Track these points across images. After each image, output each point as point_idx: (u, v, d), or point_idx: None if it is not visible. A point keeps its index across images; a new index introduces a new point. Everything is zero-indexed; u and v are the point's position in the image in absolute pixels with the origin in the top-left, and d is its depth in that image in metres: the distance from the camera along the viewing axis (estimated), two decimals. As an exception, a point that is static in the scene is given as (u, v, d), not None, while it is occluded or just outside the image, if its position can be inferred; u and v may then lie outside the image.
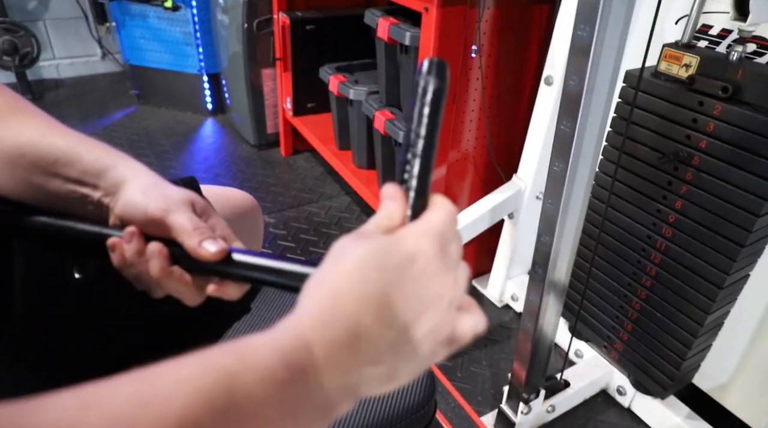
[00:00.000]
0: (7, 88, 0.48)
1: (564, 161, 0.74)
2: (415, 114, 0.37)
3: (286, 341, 0.28)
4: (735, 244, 0.89)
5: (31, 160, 0.43)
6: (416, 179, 0.35)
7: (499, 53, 1.22)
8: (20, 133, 0.44)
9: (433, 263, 0.31)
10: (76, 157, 0.43)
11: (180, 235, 0.40)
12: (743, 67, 0.85)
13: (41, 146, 0.44)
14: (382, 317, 0.29)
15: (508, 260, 1.44)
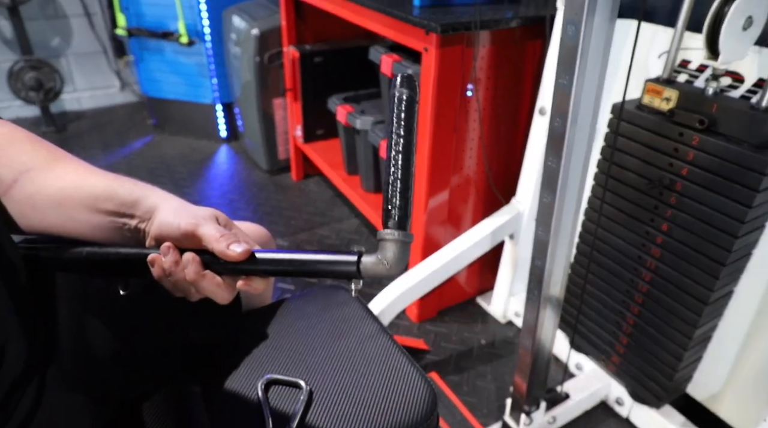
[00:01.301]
0: (45, 141, 0.57)
1: (552, 193, 0.82)
2: (394, 119, 0.47)
3: None
4: (717, 263, 0.96)
5: (74, 199, 0.52)
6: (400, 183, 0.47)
7: (495, 86, 1.30)
8: (63, 178, 0.53)
9: None
10: (113, 193, 0.52)
11: (210, 243, 0.49)
12: (717, 101, 0.92)
13: (82, 186, 0.53)
14: None
15: (510, 278, 1.51)
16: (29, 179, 0.53)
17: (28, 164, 0.53)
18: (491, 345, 1.50)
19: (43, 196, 0.52)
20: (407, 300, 1.34)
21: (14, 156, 0.53)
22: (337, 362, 0.72)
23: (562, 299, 1.00)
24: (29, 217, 0.53)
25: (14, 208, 0.53)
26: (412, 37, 1.23)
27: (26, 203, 0.53)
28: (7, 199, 0.53)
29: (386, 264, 0.47)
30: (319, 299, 0.84)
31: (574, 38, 0.68)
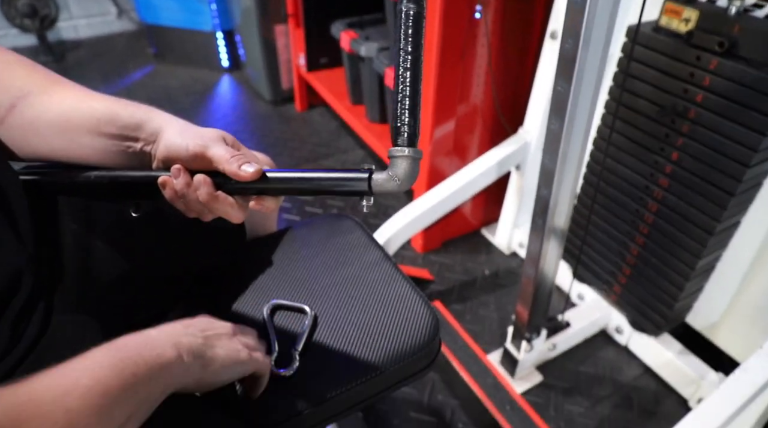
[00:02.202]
0: (38, 64, 0.55)
1: (560, 120, 0.80)
2: (401, 35, 0.46)
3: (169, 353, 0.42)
4: (725, 193, 0.95)
5: (76, 123, 0.51)
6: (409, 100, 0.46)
7: (505, 8, 1.24)
8: (62, 101, 0.52)
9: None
10: (115, 115, 0.51)
11: (220, 163, 0.49)
12: (740, 21, 0.87)
13: (83, 110, 0.52)
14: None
15: (515, 210, 1.50)
16: (28, 103, 0.51)
17: (24, 89, 0.52)
18: (495, 275, 1.52)
19: (44, 121, 0.51)
20: (412, 231, 1.34)
21: (9, 80, 0.52)
22: (341, 288, 0.73)
23: (566, 230, 0.99)
24: (32, 142, 0.53)
25: (14, 134, 0.52)
26: (418, -45, 1.16)
27: (28, 128, 0.52)
28: (6, 126, 0.52)
29: (397, 180, 0.47)
30: (324, 227, 0.84)
31: (590, -50, 0.64)
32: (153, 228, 0.67)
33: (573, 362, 1.28)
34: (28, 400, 0.33)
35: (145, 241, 0.66)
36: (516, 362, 1.19)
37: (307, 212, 1.73)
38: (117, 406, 0.36)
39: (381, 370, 0.64)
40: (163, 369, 0.41)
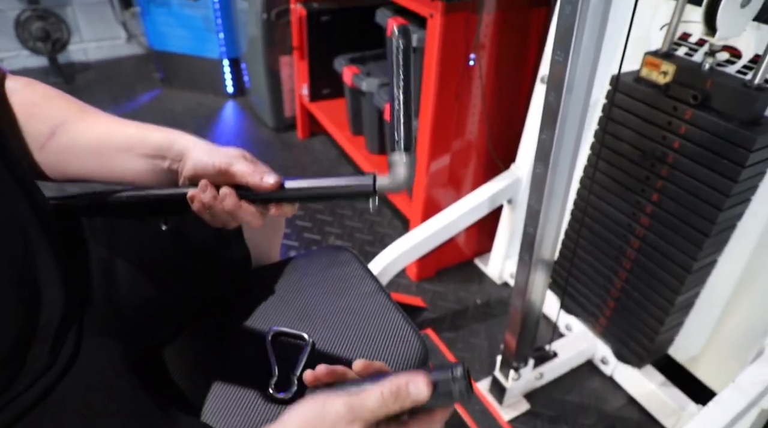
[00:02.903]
0: (74, 98, 0.63)
1: (545, 165, 0.86)
2: (393, 65, 0.52)
3: None
4: (701, 234, 1.01)
5: (109, 145, 0.58)
6: (403, 124, 0.52)
7: (499, 53, 1.32)
8: (96, 127, 0.59)
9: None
10: (145, 137, 0.58)
11: (245, 177, 0.55)
12: (712, 77, 0.95)
13: (115, 133, 0.59)
14: None
15: (507, 241, 1.56)
16: (65, 130, 0.58)
17: (62, 118, 0.59)
18: (486, 304, 1.57)
19: (81, 144, 0.58)
20: (407, 260, 1.40)
21: (50, 111, 0.59)
22: (338, 317, 0.78)
23: (551, 265, 1.05)
24: (70, 165, 0.59)
25: (54, 158, 0.59)
26: (418, 2, 1.24)
27: (68, 152, 0.59)
28: (46, 151, 0.59)
29: (397, 181, 0.55)
30: (323, 259, 0.89)
31: (571, 16, 0.71)
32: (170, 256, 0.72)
33: (560, 391, 1.32)
34: None
35: (163, 268, 0.71)
36: (504, 390, 1.24)
37: (306, 238, 1.78)
38: None
39: (373, 396, 0.69)
40: None
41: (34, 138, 0.59)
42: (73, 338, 0.50)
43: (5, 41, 2.86)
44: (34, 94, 0.60)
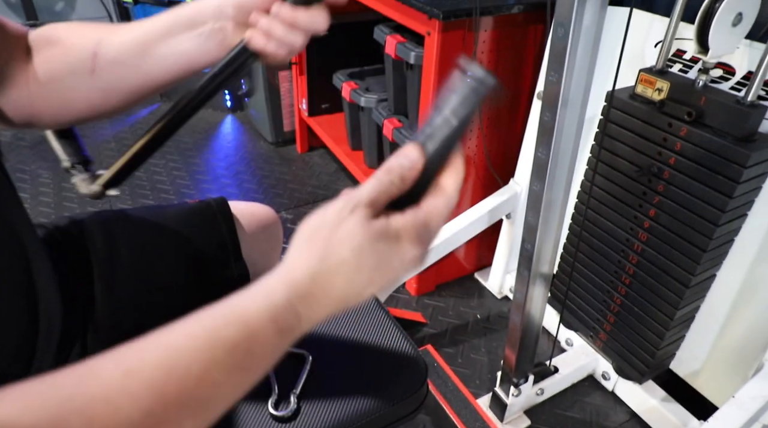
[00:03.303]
0: (93, 22, 0.63)
1: (541, 182, 0.87)
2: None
3: (282, 312, 0.36)
4: (698, 249, 1.01)
5: (151, 40, 0.58)
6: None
7: (496, 70, 1.33)
8: (129, 32, 0.59)
9: (420, 257, 0.39)
10: (178, 17, 0.58)
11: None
12: (706, 94, 0.96)
13: (148, 28, 0.59)
14: (359, 294, 0.38)
15: (506, 256, 1.56)
16: (104, 47, 0.59)
17: (96, 38, 0.59)
18: (486, 319, 1.57)
19: (125, 51, 0.58)
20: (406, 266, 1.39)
21: (82, 38, 0.59)
22: (337, 335, 0.79)
23: (550, 280, 1.05)
24: (127, 76, 0.59)
25: (108, 77, 0.59)
26: (415, 21, 1.26)
27: (117, 65, 0.59)
28: (97, 73, 0.59)
29: None
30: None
31: (563, 39, 0.72)
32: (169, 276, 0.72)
33: (561, 407, 1.32)
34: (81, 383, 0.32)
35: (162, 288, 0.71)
36: (505, 406, 1.23)
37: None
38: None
39: (373, 413, 0.70)
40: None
41: (80, 66, 0.59)
42: (76, 356, 0.51)
43: (6, 58, 2.88)
44: (60, 31, 0.60)
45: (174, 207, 0.78)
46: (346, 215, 0.37)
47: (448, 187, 0.41)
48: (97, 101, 0.61)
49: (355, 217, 0.37)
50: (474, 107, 0.42)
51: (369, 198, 0.38)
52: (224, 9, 0.57)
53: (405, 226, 0.38)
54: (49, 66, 0.58)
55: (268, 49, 0.56)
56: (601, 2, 0.75)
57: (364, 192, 0.38)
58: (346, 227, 0.37)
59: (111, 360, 0.33)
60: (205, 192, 2.12)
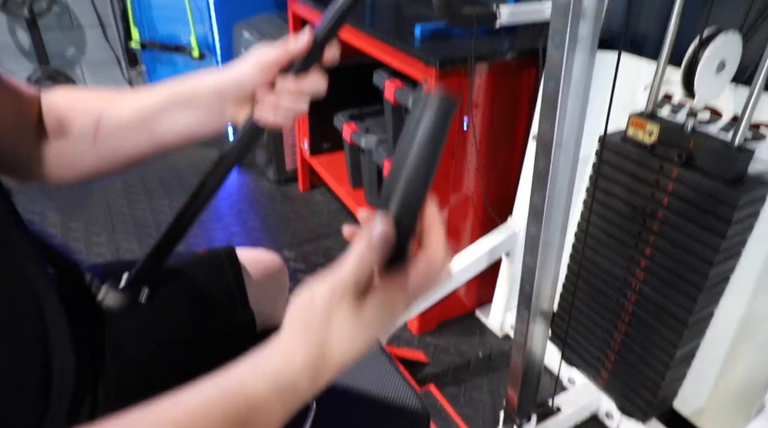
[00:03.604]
0: (100, 89, 0.66)
1: (537, 225, 0.89)
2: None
3: (288, 393, 0.39)
4: (695, 288, 1.03)
5: (148, 114, 0.60)
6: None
7: (492, 113, 1.37)
8: (131, 104, 0.62)
9: (401, 312, 0.41)
10: (175, 93, 0.60)
11: (282, 56, 0.57)
12: (695, 137, 0.99)
13: (148, 102, 0.61)
14: (354, 358, 0.40)
15: (506, 293, 1.57)
16: (107, 117, 0.61)
17: (100, 107, 0.62)
18: (488, 357, 1.57)
19: (126, 122, 0.61)
20: (408, 315, 1.40)
21: (87, 105, 0.62)
22: (342, 380, 0.80)
23: (550, 319, 1.06)
24: (126, 146, 0.62)
25: (109, 146, 0.62)
26: (413, 68, 1.30)
27: (117, 135, 0.61)
28: (99, 143, 0.62)
29: None
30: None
31: (554, 92, 0.75)
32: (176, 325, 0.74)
33: (564, 447, 1.30)
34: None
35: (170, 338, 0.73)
36: (508, 447, 1.22)
37: (308, 291, 1.80)
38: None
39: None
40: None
41: (84, 134, 0.62)
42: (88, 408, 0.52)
43: (16, 101, 2.95)
44: (68, 98, 0.63)
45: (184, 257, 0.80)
46: (336, 305, 0.39)
47: (434, 242, 0.42)
48: (99, 165, 0.64)
49: (344, 306, 0.39)
50: (431, 140, 0.40)
51: (354, 281, 0.39)
52: (222, 89, 0.60)
53: (390, 304, 0.40)
54: (57, 132, 0.62)
55: (277, 120, 0.59)
56: (590, 49, 0.79)
57: (349, 276, 0.39)
58: (339, 317, 0.39)
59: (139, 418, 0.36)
60: (209, 231, 2.14)
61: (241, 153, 0.63)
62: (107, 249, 2.03)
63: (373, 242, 0.40)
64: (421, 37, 1.33)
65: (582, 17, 0.74)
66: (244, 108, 0.61)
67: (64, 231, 2.11)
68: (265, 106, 0.58)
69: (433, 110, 0.40)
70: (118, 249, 2.00)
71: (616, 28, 1.38)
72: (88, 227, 2.15)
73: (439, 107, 0.40)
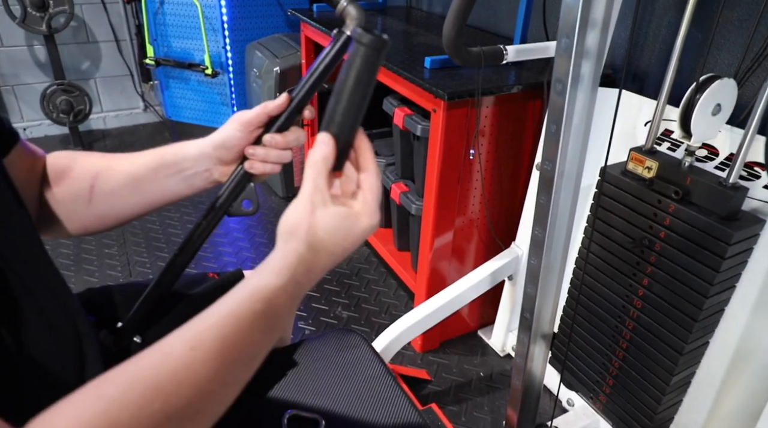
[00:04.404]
0: (94, 152, 0.72)
1: (538, 257, 0.93)
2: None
3: (291, 286, 0.49)
4: (690, 318, 1.07)
5: (140, 178, 0.67)
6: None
7: (497, 142, 1.42)
8: (124, 168, 0.68)
9: (375, 222, 0.53)
10: (161, 159, 0.67)
11: (261, 115, 0.64)
12: (691, 174, 1.03)
13: (140, 167, 0.68)
14: (336, 261, 0.52)
15: (508, 315, 1.61)
16: (101, 180, 0.68)
17: (95, 171, 0.68)
18: (489, 377, 1.61)
19: (118, 186, 0.67)
20: (411, 335, 1.45)
21: (83, 169, 0.69)
22: (348, 401, 0.84)
23: (550, 343, 1.10)
24: (118, 207, 0.69)
25: (102, 207, 0.68)
26: (422, 98, 1.36)
27: (110, 198, 0.68)
28: (93, 204, 0.68)
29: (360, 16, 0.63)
30: (333, 342, 0.96)
31: (555, 135, 0.80)
32: None
33: (562, 468, 1.34)
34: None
35: None
36: (507, 467, 1.26)
37: (314, 307, 1.84)
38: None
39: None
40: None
41: (79, 196, 0.68)
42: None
43: (30, 112, 3.02)
44: (64, 161, 0.69)
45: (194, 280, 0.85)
46: (312, 210, 0.50)
47: (369, 165, 0.55)
48: (93, 224, 0.70)
49: (320, 209, 0.51)
50: (359, 69, 0.53)
51: (315, 187, 0.51)
52: (205, 152, 0.66)
53: (358, 212, 0.52)
54: (56, 193, 0.68)
55: (265, 171, 0.66)
56: (592, 89, 0.84)
57: (313, 187, 0.51)
58: (317, 219, 0.50)
59: (178, 340, 0.45)
60: (217, 245, 2.19)
61: (231, 202, 0.68)
62: (119, 261, 2.08)
63: (323, 156, 0.52)
64: (430, 67, 1.39)
65: (585, 57, 0.79)
66: (230, 168, 0.67)
67: (76, 244, 2.16)
68: (255, 159, 0.65)
69: (365, 53, 0.52)
70: (129, 262, 2.05)
71: (618, 62, 1.44)
72: (99, 239, 2.20)
73: (370, 49, 0.52)
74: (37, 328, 0.51)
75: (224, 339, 0.46)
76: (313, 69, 0.65)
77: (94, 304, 0.77)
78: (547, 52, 1.25)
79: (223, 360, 0.45)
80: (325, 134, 0.54)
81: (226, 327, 0.46)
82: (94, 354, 0.60)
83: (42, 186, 0.68)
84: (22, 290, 0.49)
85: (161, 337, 0.75)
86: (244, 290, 0.49)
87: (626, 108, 1.25)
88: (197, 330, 0.46)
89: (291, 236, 0.51)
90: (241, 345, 0.47)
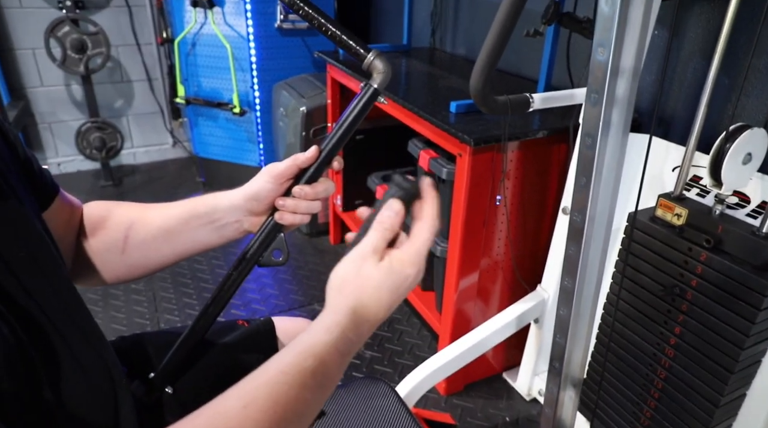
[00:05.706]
0: (128, 202, 0.74)
1: (567, 308, 0.93)
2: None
3: (341, 342, 0.51)
4: (725, 370, 1.04)
5: (173, 229, 0.69)
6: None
7: (523, 185, 1.43)
8: (156, 218, 0.71)
9: (419, 275, 0.55)
10: (194, 210, 0.69)
11: (291, 168, 0.66)
12: (723, 223, 1.02)
13: (172, 218, 0.70)
14: (386, 313, 0.54)
15: (534, 358, 1.59)
16: (135, 231, 0.70)
17: (129, 222, 0.70)
18: (516, 422, 1.57)
19: (151, 237, 0.69)
20: (436, 379, 1.43)
21: (118, 221, 0.71)
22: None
23: (578, 394, 1.08)
24: (151, 257, 0.71)
25: (136, 257, 0.70)
26: (448, 142, 1.38)
27: (143, 247, 0.70)
28: (127, 254, 0.70)
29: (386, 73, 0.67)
30: (361, 391, 0.96)
31: (585, 188, 0.80)
32: None
33: None
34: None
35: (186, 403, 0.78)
36: None
37: (337, 347, 1.83)
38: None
39: None
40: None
41: (114, 246, 0.70)
42: None
43: (65, 147, 3.13)
44: (100, 211, 0.72)
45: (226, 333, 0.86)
46: (362, 265, 0.53)
47: (428, 216, 0.57)
48: (125, 273, 0.73)
49: (369, 264, 0.53)
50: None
51: (374, 249, 0.54)
52: (237, 203, 0.68)
53: (403, 259, 0.54)
54: (92, 243, 0.70)
55: (295, 221, 0.68)
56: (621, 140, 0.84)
57: (370, 245, 0.54)
58: (365, 273, 0.53)
59: (231, 398, 0.47)
60: (246, 292, 2.20)
61: (262, 253, 0.70)
62: (145, 297, 2.11)
63: (390, 218, 0.56)
64: (456, 111, 1.41)
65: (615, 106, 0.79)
66: (260, 219, 0.69)
67: (104, 289, 2.19)
68: (285, 210, 0.67)
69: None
70: (157, 309, 2.07)
71: (643, 105, 1.44)
72: (128, 285, 2.22)
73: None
74: (76, 384, 0.52)
75: (276, 396, 0.47)
76: (341, 121, 0.67)
77: (126, 353, 0.78)
78: (572, 100, 1.27)
79: (274, 418, 0.46)
80: (397, 202, 0.57)
81: (278, 385, 0.47)
82: (128, 406, 0.61)
83: (78, 236, 0.70)
84: (60, 344, 0.51)
85: (192, 387, 0.77)
86: (296, 347, 0.50)
87: (653, 153, 1.25)
88: (250, 387, 0.47)
89: (339, 293, 0.52)
90: (293, 402, 0.47)
